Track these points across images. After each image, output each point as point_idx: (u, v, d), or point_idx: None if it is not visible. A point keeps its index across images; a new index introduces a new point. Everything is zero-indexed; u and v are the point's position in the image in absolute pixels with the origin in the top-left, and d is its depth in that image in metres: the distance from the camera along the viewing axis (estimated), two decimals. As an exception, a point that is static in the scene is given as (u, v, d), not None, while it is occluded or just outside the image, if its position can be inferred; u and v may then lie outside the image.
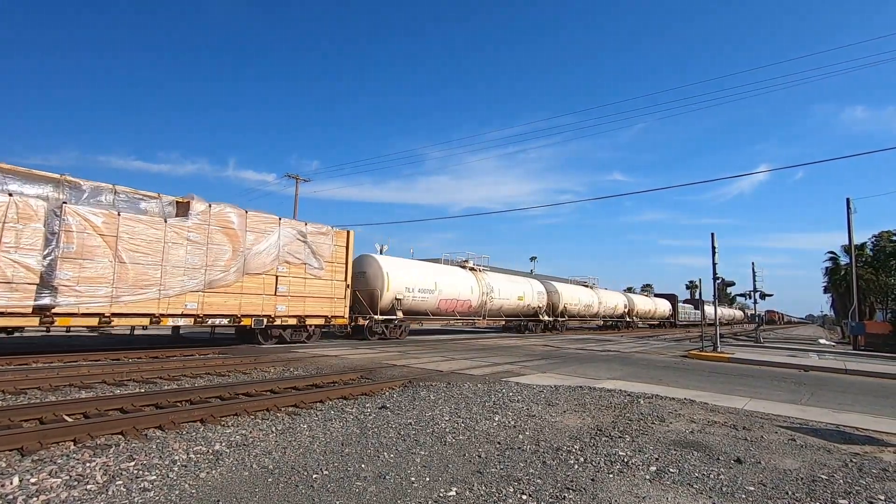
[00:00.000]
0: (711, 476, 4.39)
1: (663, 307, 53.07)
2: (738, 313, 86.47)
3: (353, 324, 18.70)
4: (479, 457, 4.75)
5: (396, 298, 20.41)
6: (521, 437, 5.52)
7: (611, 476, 4.31)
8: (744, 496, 3.95)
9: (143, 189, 13.65)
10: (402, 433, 5.51)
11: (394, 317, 20.49)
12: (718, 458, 4.93)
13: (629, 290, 61.13)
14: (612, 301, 41.66)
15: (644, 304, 49.02)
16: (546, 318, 31.51)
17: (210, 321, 14.10)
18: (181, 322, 13.70)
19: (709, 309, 37.38)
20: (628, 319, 44.48)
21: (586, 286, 39.69)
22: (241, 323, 14.72)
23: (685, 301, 63.18)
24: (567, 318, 34.01)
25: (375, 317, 19.56)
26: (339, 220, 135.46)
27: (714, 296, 19.91)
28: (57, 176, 12.30)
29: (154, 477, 3.92)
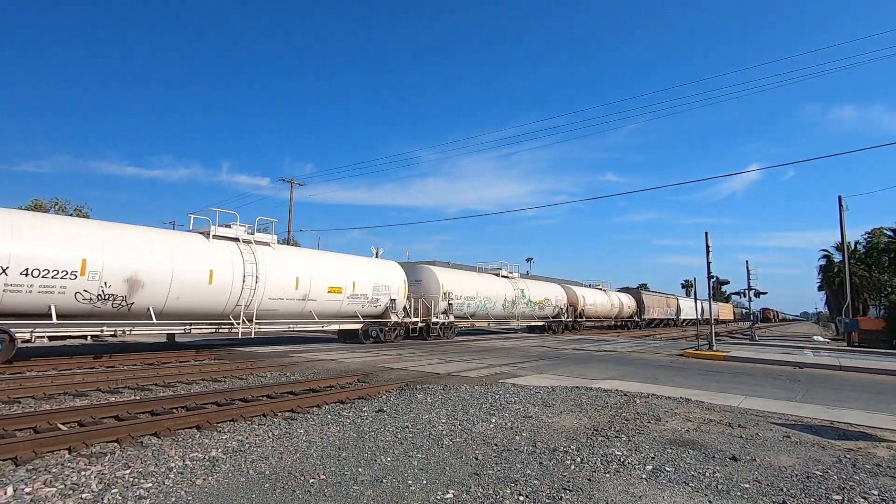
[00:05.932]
0: (707, 474, 4.42)
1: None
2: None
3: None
4: (477, 459, 4.75)
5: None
6: (517, 438, 5.53)
7: (607, 476, 4.33)
8: (739, 493, 3.98)
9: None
10: (399, 436, 5.51)
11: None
12: (714, 457, 4.96)
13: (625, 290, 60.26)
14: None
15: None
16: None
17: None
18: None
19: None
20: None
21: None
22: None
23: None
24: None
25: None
26: (333, 223, 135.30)
27: (709, 294, 20.07)
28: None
29: (150, 484, 3.90)
